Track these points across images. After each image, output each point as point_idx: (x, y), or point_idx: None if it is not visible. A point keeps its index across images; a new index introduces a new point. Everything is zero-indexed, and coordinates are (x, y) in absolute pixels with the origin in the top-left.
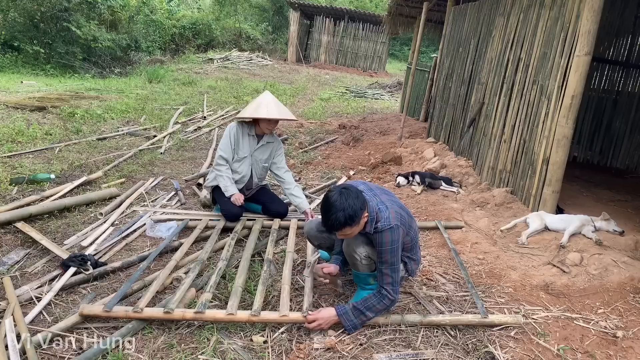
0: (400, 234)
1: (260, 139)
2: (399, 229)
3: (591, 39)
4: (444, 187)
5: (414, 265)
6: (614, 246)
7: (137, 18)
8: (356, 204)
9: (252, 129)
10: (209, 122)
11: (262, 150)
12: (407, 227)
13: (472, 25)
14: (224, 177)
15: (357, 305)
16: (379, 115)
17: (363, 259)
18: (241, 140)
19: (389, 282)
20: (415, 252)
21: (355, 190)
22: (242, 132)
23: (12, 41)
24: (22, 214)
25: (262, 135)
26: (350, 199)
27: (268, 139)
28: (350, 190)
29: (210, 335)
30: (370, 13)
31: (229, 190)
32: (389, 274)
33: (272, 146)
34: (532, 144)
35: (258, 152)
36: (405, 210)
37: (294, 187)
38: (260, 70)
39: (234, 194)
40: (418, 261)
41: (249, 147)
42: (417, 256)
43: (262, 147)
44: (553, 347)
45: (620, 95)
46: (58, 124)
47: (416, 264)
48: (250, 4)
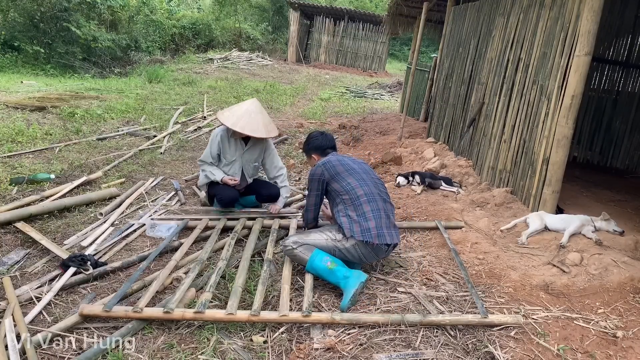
0: (317, 171)
1: (248, 141)
2: (317, 168)
3: (591, 39)
4: (444, 187)
5: (355, 227)
6: (614, 246)
7: (137, 18)
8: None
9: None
10: (209, 122)
11: (251, 152)
12: (331, 172)
13: (472, 25)
14: (207, 170)
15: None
16: (379, 115)
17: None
18: (227, 144)
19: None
20: (360, 215)
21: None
22: (227, 137)
23: (12, 41)
24: (22, 214)
25: (249, 138)
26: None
27: (253, 142)
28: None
29: (210, 335)
30: (370, 13)
31: (216, 175)
32: (306, 199)
33: (260, 145)
34: (532, 144)
35: (247, 153)
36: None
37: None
38: (260, 70)
39: (222, 177)
40: (364, 228)
41: (236, 150)
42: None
43: (250, 148)
44: (553, 347)
45: (620, 95)
46: (58, 124)
47: (358, 226)
48: (250, 4)
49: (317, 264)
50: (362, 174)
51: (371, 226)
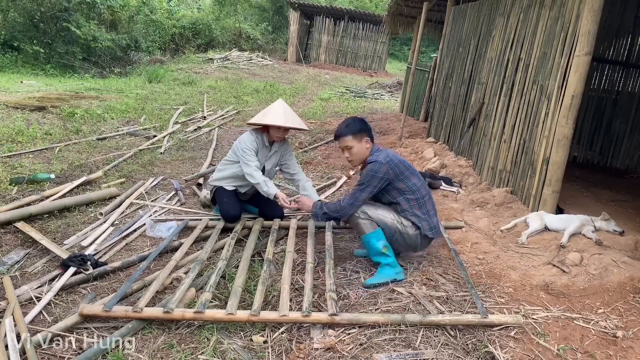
0: (381, 169)
1: (272, 146)
2: (382, 165)
3: (591, 39)
4: (444, 187)
5: (425, 225)
6: (614, 246)
7: (137, 18)
8: (359, 124)
9: (265, 138)
10: (209, 122)
11: (275, 156)
12: (395, 171)
13: (472, 25)
14: (261, 180)
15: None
16: (379, 115)
17: (361, 214)
18: (260, 151)
19: (350, 195)
20: (425, 213)
21: (363, 119)
22: (260, 144)
23: (12, 41)
24: (22, 214)
25: (273, 143)
26: (357, 121)
27: (278, 145)
28: (359, 120)
29: (210, 335)
30: (370, 13)
31: (270, 189)
32: (355, 191)
33: (281, 150)
34: (532, 144)
35: (272, 157)
36: (405, 165)
37: (305, 181)
38: (260, 70)
39: (277, 192)
40: (432, 225)
41: (262, 157)
42: (429, 220)
43: (275, 153)
44: (553, 347)
45: (620, 95)
46: (58, 124)
47: (428, 225)
48: (250, 4)
49: (373, 242)
50: (418, 174)
51: (435, 223)
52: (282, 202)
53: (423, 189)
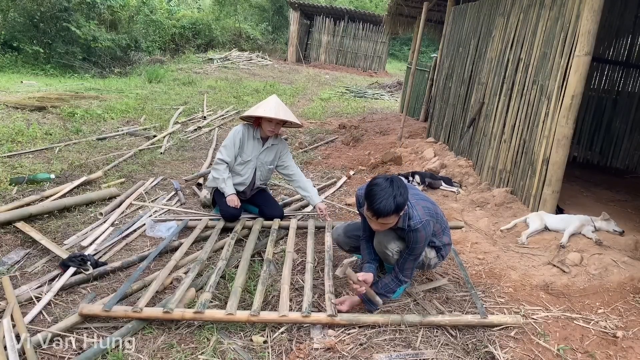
0: (431, 227)
1: (265, 142)
2: (430, 223)
3: (591, 39)
4: (444, 187)
5: (448, 249)
6: (614, 246)
7: (137, 18)
8: (405, 194)
9: (257, 132)
10: (209, 122)
11: (267, 153)
12: (434, 217)
13: (472, 25)
14: (221, 177)
15: (379, 290)
16: (379, 115)
17: (395, 254)
18: (246, 143)
19: (409, 268)
20: (446, 234)
21: (402, 181)
22: (247, 135)
23: (12, 41)
24: (22, 214)
25: (267, 138)
26: (402, 189)
27: (273, 141)
28: (400, 181)
29: (210, 335)
30: (370, 13)
31: (227, 189)
32: (411, 265)
33: (276, 148)
34: (532, 144)
35: (263, 155)
36: (429, 200)
37: (304, 181)
38: (260, 70)
39: (231, 193)
40: (450, 243)
41: (253, 151)
42: (449, 238)
43: (267, 149)
44: (553, 347)
45: (620, 95)
46: (58, 124)
47: (449, 246)
48: (250, 4)
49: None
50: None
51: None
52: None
53: (441, 212)
